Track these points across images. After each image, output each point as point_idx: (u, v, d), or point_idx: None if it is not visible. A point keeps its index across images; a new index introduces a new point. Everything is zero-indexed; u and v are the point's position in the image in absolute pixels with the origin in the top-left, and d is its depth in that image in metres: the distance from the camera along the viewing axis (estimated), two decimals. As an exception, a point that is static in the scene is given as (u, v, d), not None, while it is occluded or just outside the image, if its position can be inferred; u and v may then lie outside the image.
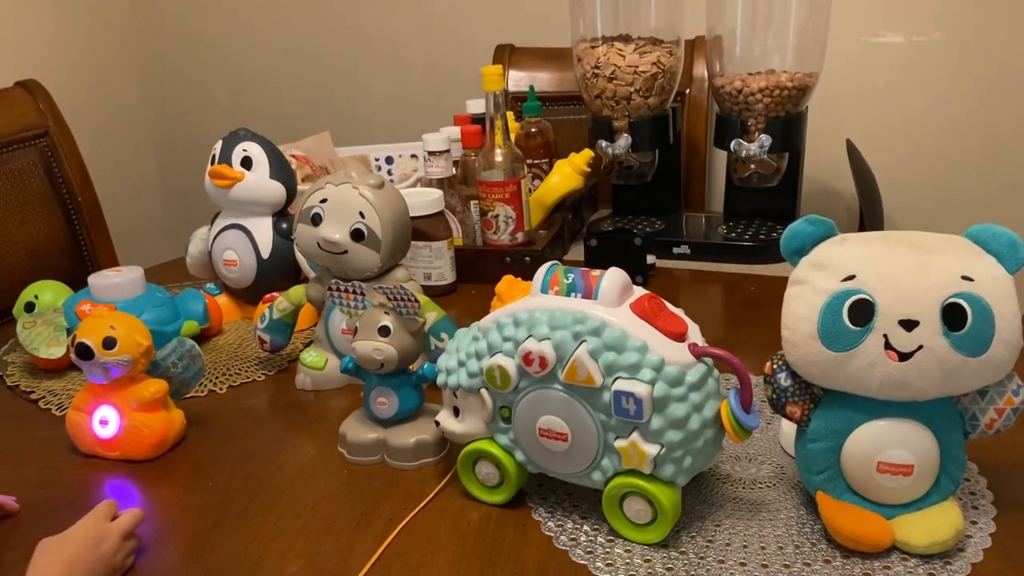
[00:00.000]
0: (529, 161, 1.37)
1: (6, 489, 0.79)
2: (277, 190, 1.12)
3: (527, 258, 1.23)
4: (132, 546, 0.70)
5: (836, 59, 1.31)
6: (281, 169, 1.12)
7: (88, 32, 1.97)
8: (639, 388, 0.63)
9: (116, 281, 1.01)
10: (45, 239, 1.48)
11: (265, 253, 1.13)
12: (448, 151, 1.28)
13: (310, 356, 0.98)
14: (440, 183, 1.28)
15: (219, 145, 1.11)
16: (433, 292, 1.19)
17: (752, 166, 1.30)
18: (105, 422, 0.85)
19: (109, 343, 0.81)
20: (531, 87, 1.44)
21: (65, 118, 1.53)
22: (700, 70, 1.60)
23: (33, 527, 0.74)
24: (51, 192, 1.50)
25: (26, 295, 1.13)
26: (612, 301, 0.67)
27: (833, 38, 1.25)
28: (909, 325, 0.60)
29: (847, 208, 1.62)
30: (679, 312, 0.70)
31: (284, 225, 1.13)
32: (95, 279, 1.01)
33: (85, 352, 0.81)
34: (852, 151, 1.39)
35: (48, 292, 1.12)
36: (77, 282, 1.09)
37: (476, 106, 1.48)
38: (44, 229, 1.48)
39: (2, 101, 1.47)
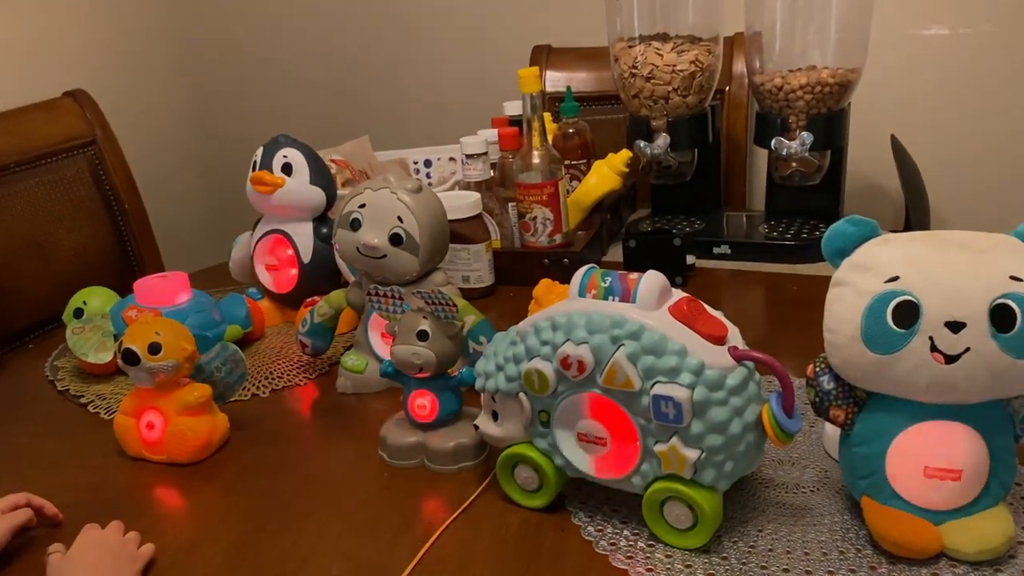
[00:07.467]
0: (567, 162, 1.37)
1: (57, 491, 0.80)
2: (317, 195, 1.13)
3: (565, 260, 1.22)
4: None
5: (879, 53, 1.28)
6: (321, 174, 1.14)
7: (133, 43, 2.01)
8: (678, 392, 0.62)
9: (161, 287, 1.03)
10: (93, 245, 1.51)
11: (306, 258, 1.14)
12: (486, 154, 1.28)
13: (351, 360, 0.99)
14: (478, 186, 1.28)
15: (260, 152, 1.13)
16: (471, 295, 1.19)
17: (793, 164, 1.28)
18: (151, 426, 0.86)
19: (154, 348, 0.83)
20: (568, 88, 1.44)
21: (112, 127, 1.56)
22: (740, 66, 1.58)
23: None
24: (99, 199, 1.53)
25: (75, 301, 1.15)
26: (650, 304, 0.66)
27: (876, 32, 1.23)
28: (956, 327, 0.59)
29: (892, 205, 1.59)
30: (719, 315, 0.69)
31: (324, 230, 1.14)
32: (141, 285, 1.03)
33: (131, 358, 0.83)
34: (897, 147, 1.36)
35: (96, 298, 1.15)
36: (124, 287, 1.11)
37: (514, 108, 1.47)
38: (92, 236, 1.51)
39: (51, 111, 1.51)
